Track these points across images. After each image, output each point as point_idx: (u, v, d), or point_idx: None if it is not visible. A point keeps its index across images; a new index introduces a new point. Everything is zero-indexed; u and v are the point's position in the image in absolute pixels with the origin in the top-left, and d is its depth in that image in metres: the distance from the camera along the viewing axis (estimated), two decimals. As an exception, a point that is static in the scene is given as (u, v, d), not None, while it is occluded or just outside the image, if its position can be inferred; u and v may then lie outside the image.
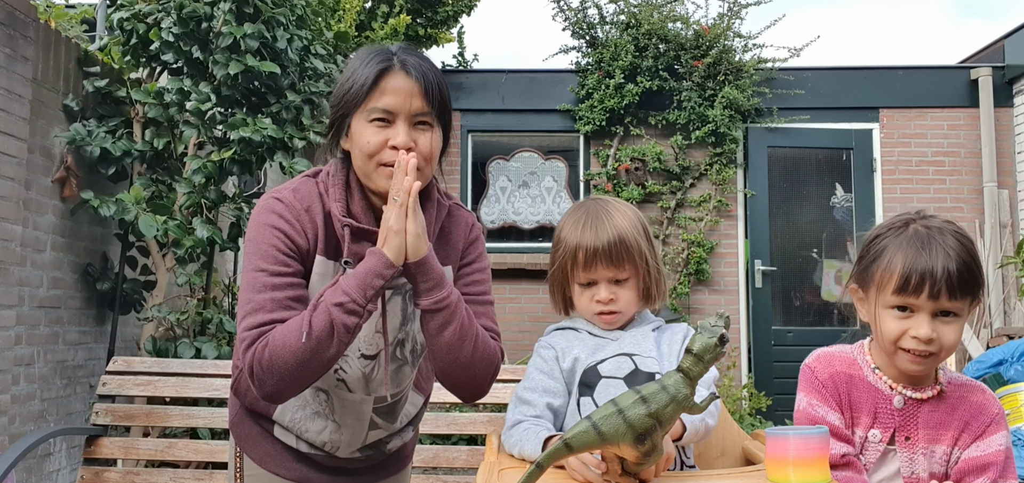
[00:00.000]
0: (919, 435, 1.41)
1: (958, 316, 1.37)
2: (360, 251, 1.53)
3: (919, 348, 1.36)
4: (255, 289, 1.47)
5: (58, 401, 3.88)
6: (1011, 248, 6.31)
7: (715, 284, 6.56)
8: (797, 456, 1.22)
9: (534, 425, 1.45)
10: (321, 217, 1.55)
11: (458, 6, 6.75)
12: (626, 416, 1.15)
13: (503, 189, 6.86)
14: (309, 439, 1.67)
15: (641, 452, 1.17)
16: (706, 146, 6.54)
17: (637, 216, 1.61)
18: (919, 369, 1.40)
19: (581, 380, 1.53)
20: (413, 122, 1.52)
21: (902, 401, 1.43)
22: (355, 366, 1.62)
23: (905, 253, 1.37)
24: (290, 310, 1.46)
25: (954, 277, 1.33)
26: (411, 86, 1.51)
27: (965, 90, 6.64)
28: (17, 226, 3.44)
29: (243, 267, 1.54)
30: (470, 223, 1.71)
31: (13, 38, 3.40)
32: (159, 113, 3.85)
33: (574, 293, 1.61)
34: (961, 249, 1.36)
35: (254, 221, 1.56)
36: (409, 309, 1.63)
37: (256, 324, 1.44)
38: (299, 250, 1.53)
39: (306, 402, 1.67)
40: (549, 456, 1.17)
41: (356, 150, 1.54)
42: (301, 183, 1.60)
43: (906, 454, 1.41)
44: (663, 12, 6.60)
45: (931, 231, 1.38)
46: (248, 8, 3.81)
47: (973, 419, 1.42)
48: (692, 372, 1.20)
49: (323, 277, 1.56)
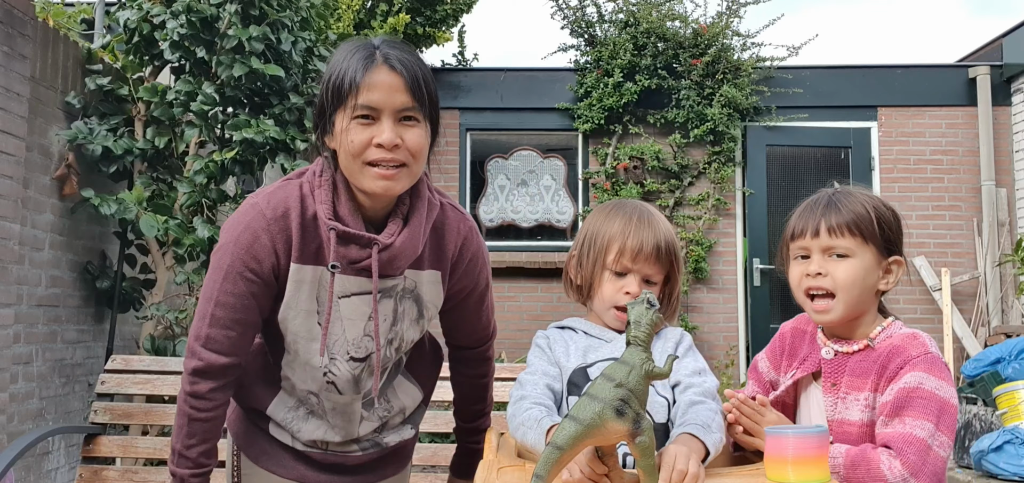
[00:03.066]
0: (842, 382, 1.51)
1: (850, 256, 1.49)
2: (347, 254, 1.51)
3: (812, 284, 1.50)
4: (206, 296, 1.54)
5: (57, 399, 3.88)
6: (1009, 246, 6.32)
7: (714, 283, 6.57)
8: (796, 454, 1.23)
9: (536, 409, 1.46)
10: (298, 223, 1.51)
11: (457, 5, 6.75)
12: (597, 397, 1.20)
13: (502, 188, 6.87)
14: (303, 437, 1.67)
15: (628, 424, 1.20)
16: (704, 145, 6.54)
17: (675, 233, 1.68)
18: (824, 316, 1.51)
19: (570, 380, 1.55)
20: (399, 118, 1.47)
21: (831, 352, 1.54)
22: (344, 369, 1.61)
23: (802, 211, 1.56)
24: (226, 330, 1.52)
25: (835, 218, 1.49)
26: (395, 81, 1.46)
27: (963, 89, 6.65)
28: (16, 224, 3.44)
29: (210, 262, 1.57)
30: (463, 231, 1.67)
31: (11, 36, 3.39)
32: (163, 112, 3.85)
33: (602, 280, 1.62)
34: (854, 200, 1.52)
35: (227, 226, 1.55)
36: (399, 309, 1.62)
37: (197, 335, 1.54)
38: (262, 268, 1.52)
39: (298, 403, 1.68)
40: (545, 464, 1.19)
41: (341, 149, 1.49)
42: (281, 187, 1.56)
43: (830, 399, 1.51)
44: (662, 10, 6.61)
45: (830, 191, 1.56)
46: (254, 10, 3.82)
47: (890, 362, 1.47)
48: (639, 339, 1.25)
49: (300, 284, 1.53)
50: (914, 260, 6.46)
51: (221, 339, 1.53)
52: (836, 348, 1.54)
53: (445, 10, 6.68)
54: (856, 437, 1.46)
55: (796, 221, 1.56)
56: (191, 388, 1.55)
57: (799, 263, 1.55)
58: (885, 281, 1.53)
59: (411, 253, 1.56)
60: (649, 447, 1.24)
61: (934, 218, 6.56)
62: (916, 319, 6.26)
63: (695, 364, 1.57)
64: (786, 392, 1.61)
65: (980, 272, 6.39)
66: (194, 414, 1.55)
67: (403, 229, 1.54)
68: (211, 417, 1.57)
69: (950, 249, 6.51)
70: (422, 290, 1.64)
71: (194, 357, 1.55)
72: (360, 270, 1.54)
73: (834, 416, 1.50)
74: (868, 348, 1.51)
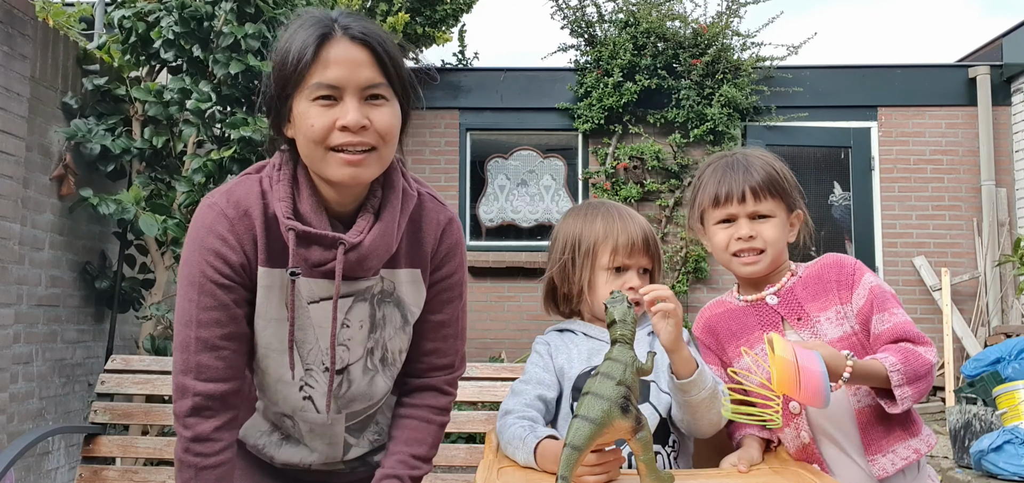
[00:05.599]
0: (804, 310, 1.59)
1: (772, 217, 1.61)
2: (309, 256, 1.34)
3: (743, 246, 1.60)
4: (184, 322, 1.35)
5: (56, 399, 3.87)
6: (1009, 246, 6.31)
7: (713, 282, 6.57)
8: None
9: (520, 426, 1.46)
10: (261, 222, 1.35)
11: (457, 4, 6.75)
12: (601, 395, 1.22)
13: (502, 187, 6.86)
14: (281, 461, 1.54)
15: (631, 421, 1.23)
16: (704, 144, 6.54)
17: None
18: (753, 268, 1.61)
19: (575, 385, 1.55)
20: (364, 96, 1.29)
21: (774, 297, 1.63)
22: (322, 381, 1.45)
23: (715, 177, 1.64)
24: (217, 351, 1.34)
25: (756, 180, 1.59)
26: (358, 54, 1.28)
27: (963, 89, 6.65)
28: (15, 224, 3.44)
29: (178, 285, 1.39)
30: (442, 222, 1.49)
31: (11, 36, 3.39)
32: (159, 111, 3.85)
33: (597, 282, 1.62)
34: (763, 164, 1.62)
35: (189, 237, 1.38)
36: (378, 315, 1.45)
37: (185, 368, 1.34)
38: (235, 271, 1.35)
39: (272, 427, 1.52)
40: (566, 465, 1.21)
41: (301, 136, 1.31)
42: (239, 183, 1.40)
43: (806, 331, 1.57)
44: (661, 10, 6.60)
45: (734, 156, 1.66)
46: (249, 8, 3.81)
47: (839, 276, 1.60)
48: (625, 336, 1.29)
49: (270, 290, 1.37)
50: (914, 260, 6.46)
51: (214, 364, 1.34)
52: (774, 291, 1.63)
53: (445, 10, 6.67)
54: (845, 348, 1.51)
55: (716, 188, 1.62)
56: (193, 432, 1.34)
57: (724, 227, 1.64)
58: (792, 234, 1.67)
59: (383, 251, 1.38)
60: (649, 442, 1.26)
61: (934, 218, 6.55)
62: (916, 319, 6.24)
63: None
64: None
65: (980, 272, 6.39)
66: (202, 463, 1.33)
67: (374, 225, 1.37)
68: (222, 460, 1.36)
69: (950, 249, 6.51)
70: (402, 291, 1.46)
71: (187, 395, 1.34)
72: (327, 273, 1.37)
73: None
74: (795, 277, 1.64)
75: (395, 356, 1.50)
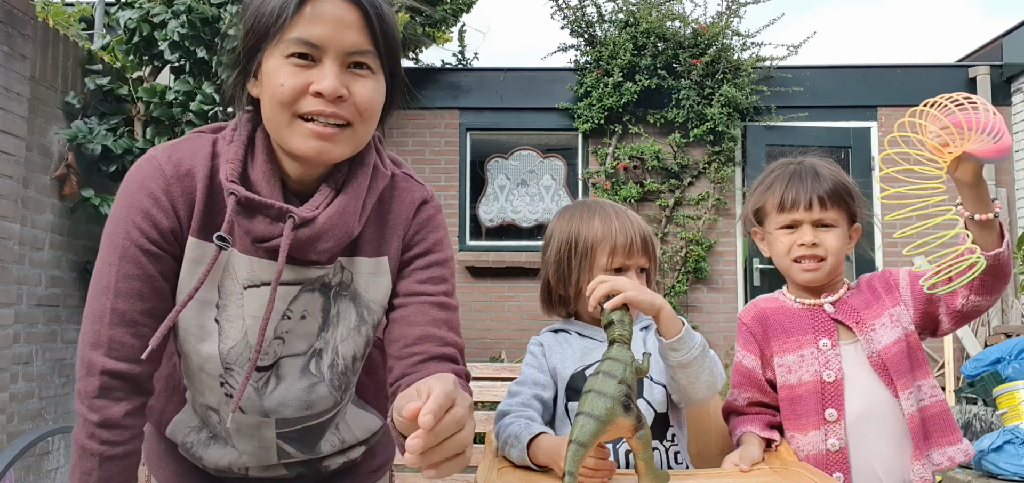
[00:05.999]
0: (862, 316, 1.63)
1: (835, 226, 1.64)
2: (252, 229, 1.15)
3: (806, 253, 1.63)
4: (99, 289, 1.16)
5: (56, 399, 3.87)
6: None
7: (714, 282, 6.57)
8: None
9: (516, 425, 1.46)
10: (204, 185, 1.17)
11: (456, 4, 6.74)
12: (604, 393, 1.22)
13: (502, 187, 6.86)
14: (210, 463, 1.33)
15: (632, 419, 1.24)
16: (704, 144, 6.54)
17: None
18: (812, 275, 1.64)
19: (569, 385, 1.55)
20: (347, 63, 1.12)
21: (832, 306, 1.65)
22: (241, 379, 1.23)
23: (782, 182, 1.67)
24: (134, 327, 1.15)
25: (825, 188, 1.63)
26: (346, 13, 1.11)
27: (963, 88, 6.64)
28: (15, 224, 3.44)
29: (101, 245, 1.20)
30: (417, 200, 1.29)
31: (11, 36, 3.39)
32: (163, 112, 3.85)
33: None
34: (830, 173, 1.66)
35: (120, 190, 1.20)
36: (332, 310, 1.24)
37: (95, 342, 1.15)
38: (164, 237, 1.16)
39: (198, 425, 1.33)
40: (573, 461, 1.21)
41: (266, 96, 1.13)
42: (188, 140, 1.22)
43: (863, 338, 1.61)
44: (661, 10, 6.60)
45: (802, 164, 1.69)
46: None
47: (882, 284, 1.66)
48: (623, 337, 1.29)
49: (196, 264, 1.17)
50: (915, 260, 6.46)
51: (130, 342, 1.15)
52: (832, 299, 1.66)
53: (445, 10, 6.67)
54: (901, 353, 1.57)
55: (782, 193, 1.66)
56: (100, 417, 1.14)
57: (787, 232, 1.67)
58: (850, 246, 1.70)
59: (342, 233, 1.18)
60: (648, 441, 1.26)
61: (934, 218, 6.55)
62: (916, 319, 6.26)
63: None
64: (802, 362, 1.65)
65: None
66: (108, 451, 1.15)
67: (333, 200, 1.18)
68: (131, 451, 1.17)
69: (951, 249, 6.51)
70: (359, 283, 1.25)
71: (94, 373, 1.14)
72: (270, 251, 1.17)
73: (873, 349, 1.60)
74: (850, 288, 1.68)
75: (346, 363, 1.27)
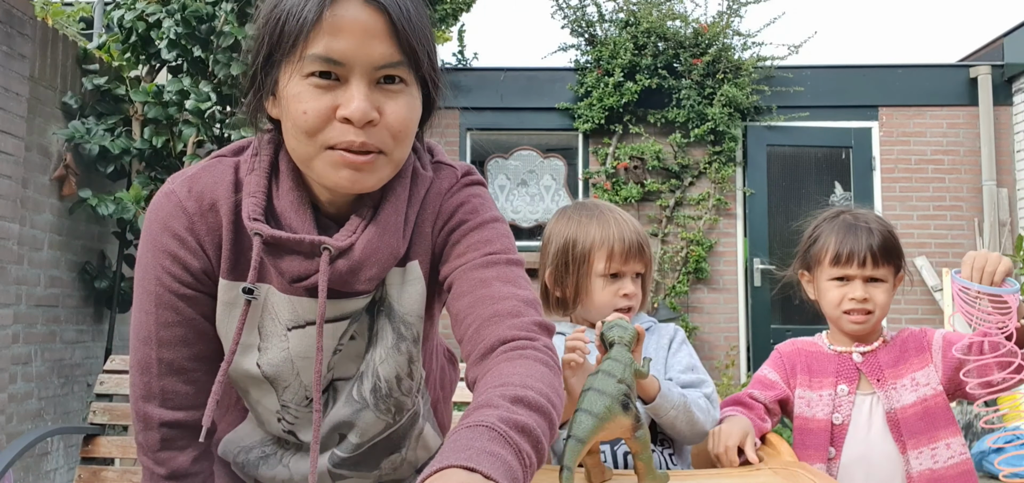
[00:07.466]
0: (885, 374, 1.69)
1: (885, 281, 1.70)
2: (284, 269, 1.03)
3: (856, 307, 1.68)
4: (142, 338, 1.08)
5: (55, 400, 3.87)
6: (1010, 246, 6.30)
7: (714, 283, 6.56)
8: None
9: None
10: (230, 219, 1.05)
11: (457, 4, 6.74)
12: (603, 391, 1.22)
13: (502, 187, 6.86)
14: (267, 477, 1.27)
15: (631, 419, 1.24)
16: (705, 144, 6.53)
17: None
18: (859, 327, 1.70)
19: None
20: (376, 79, 0.97)
21: (860, 356, 1.71)
22: (303, 413, 1.17)
23: (837, 235, 1.72)
24: (185, 374, 1.08)
25: (877, 246, 1.68)
26: (372, 20, 0.95)
27: (964, 88, 6.64)
28: (15, 224, 3.43)
29: (134, 290, 1.11)
30: (444, 189, 1.13)
31: (11, 36, 3.39)
32: (159, 112, 3.85)
33: (591, 288, 1.60)
34: (881, 228, 1.71)
35: (143, 230, 1.09)
36: (375, 327, 1.13)
37: (147, 394, 1.09)
38: (197, 279, 1.06)
39: (253, 446, 1.25)
40: (572, 455, 1.20)
41: (288, 123, 0.99)
42: (208, 168, 1.09)
43: (882, 393, 1.67)
44: (662, 10, 6.59)
45: (857, 218, 1.73)
46: (250, 9, 3.81)
47: (915, 345, 1.72)
48: (623, 338, 1.30)
49: (231, 307, 1.07)
50: (915, 260, 6.45)
51: (183, 389, 1.09)
52: (862, 350, 1.72)
53: (445, 9, 6.67)
54: (916, 415, 1.63)
55: (838, 247, 1.70)
56: (168, 469, 1.09)
57: (838, 284, 1.71)
58: (894, 293, 1.76)
59: (386, 256, 1.05)
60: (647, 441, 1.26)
61: (935, 218, 6.54)
62: (917, 319, 6.24)
63: (689, 360, 1.58)
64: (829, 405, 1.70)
65: (981, 272, 6.38)
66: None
67: (369, 224, 1.04)
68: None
69: (951, 249, 6.50)
70: (392, 296, 1.12)
71: (152, 427, 1.08)
72: (309, 290, 1.05)
73: (891, 406, 1.65)
74: (885, 343, 1.73)
75: (390, 386, 1.15)
